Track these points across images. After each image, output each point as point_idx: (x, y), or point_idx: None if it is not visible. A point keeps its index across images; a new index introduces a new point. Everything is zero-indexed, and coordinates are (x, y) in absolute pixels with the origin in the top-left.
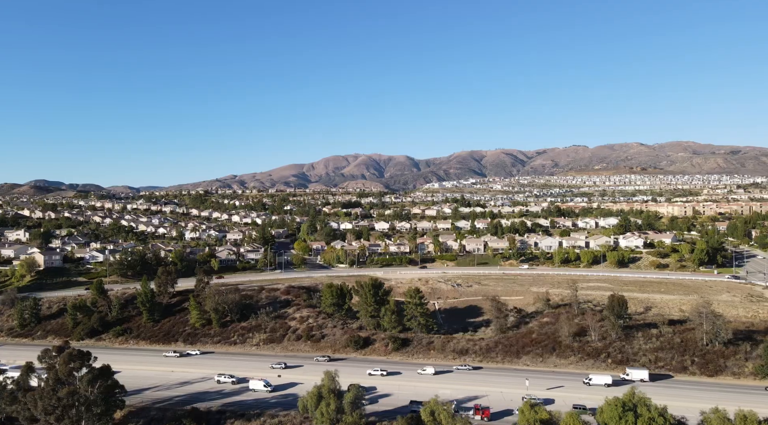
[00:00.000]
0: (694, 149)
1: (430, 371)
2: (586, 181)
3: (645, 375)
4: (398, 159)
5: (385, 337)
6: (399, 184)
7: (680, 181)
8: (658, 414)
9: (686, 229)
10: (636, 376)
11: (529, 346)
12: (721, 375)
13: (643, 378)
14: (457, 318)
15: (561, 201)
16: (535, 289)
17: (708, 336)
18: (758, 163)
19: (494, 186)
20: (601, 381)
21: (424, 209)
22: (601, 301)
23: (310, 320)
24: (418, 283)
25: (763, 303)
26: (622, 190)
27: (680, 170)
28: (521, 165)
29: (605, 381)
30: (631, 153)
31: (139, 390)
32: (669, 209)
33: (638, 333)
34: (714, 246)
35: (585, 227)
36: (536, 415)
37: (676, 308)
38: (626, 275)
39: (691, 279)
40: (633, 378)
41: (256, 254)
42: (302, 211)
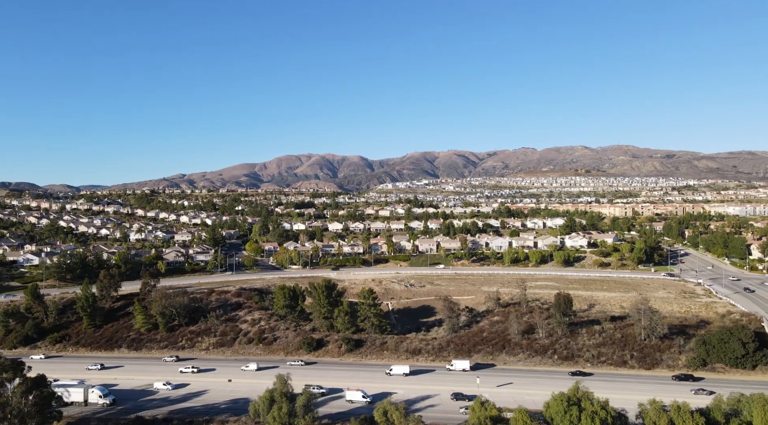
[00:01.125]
0: (633, 153)
1: (400, 370)
2: (535, 183)
3: (467, 365)
4: (352, 159)
5: (339, 339)
6: (353, 184)
7: (621, 183)
8: (600, 408)
9: (626, 229)
10: (458, 366)
11: (480, 345)
12: (657, 368)
13: (465, 368)
14: (410, 318)
15: (511, 202)
16: (486, 289)
17: (646, 332)
18: (690, 166)
19: (447, 187)
20: (400, 371)
21: (377, 209)
22: (549, 299)
23: (262, 322)
24: (372, 284)
25: (695, 299)
26: (568, 192)
27: (621, 173)
28: (473, 166)
29: (403, 371)
30: (576, 156)
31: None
32: (611, 210)
33: (582, 330)
34: (651, 245)
35: (533, 227)
36: (486, 412)
37: (617, 305)
38: (572, 274)
39: (630, 277)
40: (456, 369)
41: (205, 256)
42: (254, 212)
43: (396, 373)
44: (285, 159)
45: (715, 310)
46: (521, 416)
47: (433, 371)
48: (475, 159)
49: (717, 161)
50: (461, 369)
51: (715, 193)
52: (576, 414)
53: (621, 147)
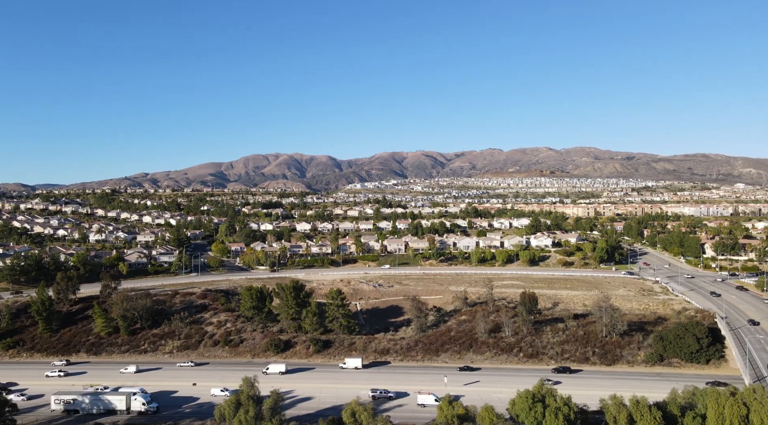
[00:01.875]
0: (595, 155)
1: (352, 364)
2: (501, 183)
3: (358, 364)
4: (320, 159)
5: (307, 339)
6: (321, 184)
7: (584, 183)
8: (564, 404)
9: (589, 229)
10: (351, 365)
11: (448, 344)
12: (617, 364)
13: (357, 366)
14: (378, 318)
15: (478, 202)
16: (454, 288)
17: (607, 329)
18: (649, 168)
19: (415, 187)
20: (276, 369)
21: (346, 210)
22: (515, 298)
23: (228, 324)
24: (340, 284)
25: (653, 296)
26: (534, 192)
27: (584, 174)
28: (441, 167)
29: (279, 369)
30: (542, 157)
31: (32, 408)
32: (574, 210)
33: (547, 328)
34: (612, 245)
35: (500, 227)
36: (454, 411)
37: (580, 303)
38: (537, 273)
39: (593, 276)
40: (348, 367)
41: (170, 257)
42: (220, 212)
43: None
44: (252, 158)
45: (671, 307)
46: (488, 414)
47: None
48: (443, 159)
49: (674, 163)
50: (353, 367)
51: (672, 194)
52: (540, 411)
53: (584, 149)
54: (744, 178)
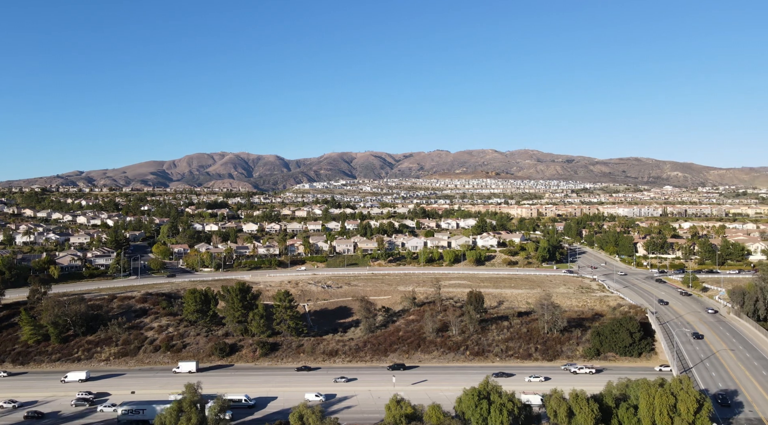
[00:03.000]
0: (538, 157)
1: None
2: (449, 184)
3: (192, 368)
4: (268, 158)
5: (253, 343)
6: (268, 184)
7: (527, 185)
8: (508, 400)
9: (532, 229)
10: (184, 369)
11: (397, 344)
12: (558, 359)
13: (191, 370)
14: (327, 319)
15: (426, 203)
16: (402, 288)
17: (548, 326)
18: (587, 171)
19: (364, 187)
20: (76, 377)
21: (294, 210)
22: (462, 298)
23: (170, 329)
24: (288, 286)
25: (591, 293)
26: (480, 193)
27: (527, 175)
28: (389, 167)
29: (79, 377)
30: (488, 159)
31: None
32: (518, 211)
33: (492, 326)
34: (554, 244)
35: (447, 228)
36: (402, 410)
37: (524, 301)
38: (483, 272)
39: (535, 275)
40: (182, 371)
41: (106, 259)
42: (162, 212)
43: None
44: (197, 157)
45: (607, 304)
46: (435, 412)
47: None
48: (391, 160)
49: (609, 166)
50: (187, 371)
51: (608, 196)
52: (486, 408)
53: (527, 151)
54: (672, 180)
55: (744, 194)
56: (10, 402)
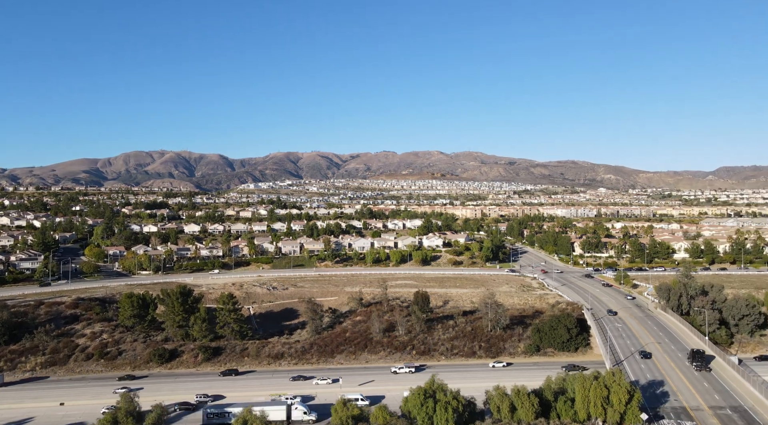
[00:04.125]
0: (482, 159)
1: None
2: (395, 185)
3: None
4: (211, 157)
5: (195, 347)
6: (212, 184)
7: (472, 186)
8: (453, 398)
9: (476, 230)
10: None
11: (344, 345)
12: (501, 356)
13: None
14: (273, 322)
15: (373, 203)
16: (350, 289)
17: (492, 324)
18: (528, 173)
19: (310, 188)
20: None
21: (238, 210)
22: (408, 298)
23: (104, 336)
24: (232, 288)
25: (532, 292)
26: (426, 194)
27: (472, 177)
28: (336, 168)
29: None
30: (433, 160)
31: None
32: (463, 212)
33: (438, 325)
34: (497, 244)
35: (394, 228)
36: (348, 412)
37: (468, 300)
38: (429, 272)
39: (480, 274)
40: None
41: (33, 263)
42: (96, 212)
43: None
44: (134, 155)
45: (547, 301)
46: (381, 413)
47: None
48: (338, 160)
49: (549, 168)
50: None
51: (547, 197)
52: (431, 406)
53: (472, 153)
54: (605, 183)
55: (669, 196)
56: None
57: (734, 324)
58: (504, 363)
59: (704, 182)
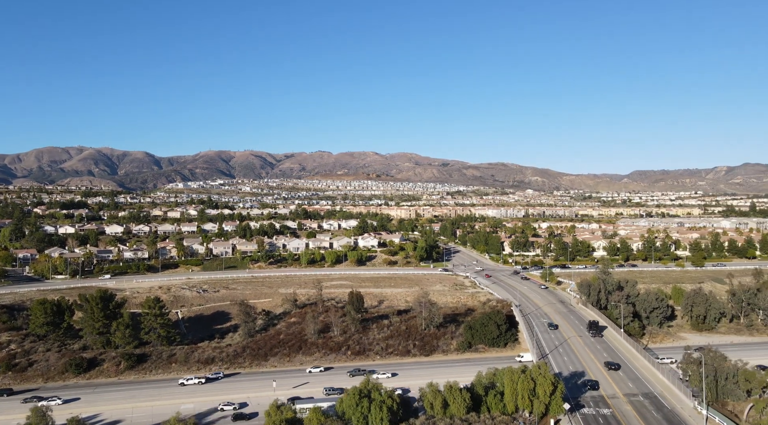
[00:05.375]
0: (416, 160)
1: None
2: (331, 185)
3: None
4: (135, 155)
5: (117, 355)
6: (137, 182)
7: (406, 187)
8: (388, 396)
9: (411, 230)
10: None
11: (277, 347)
12: (435, 353)
13: None
14: (203, 325)
15: (308, 203)
16: (284, 290)
17: (426, 322)
18: (461, 174)
19: (243, 188)
20: None
21: (166, 211)
22: (343, 298)
23: (12, 346)
24: (159, 292)
25: (464, 290)
26: (361, 195)
27: (406, 178)
28: (270, 167)
29: None
30: (368, 161)
31: None
32: (398, 212)
33: (373, 325)
34: (431, 244)
35: (329, 229)
36: (282, 415)
37: (403, 299)
38: (364, 272)
39: (414, 274)
40: None
41: None
42: (4, 212)
43: None
44: (48, 151)
45: (478, 299)
46: (315, 415)
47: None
48: (272, 160)
49: (480, 170)
50: None
51: (479, 198)
52: (366, 406)
53: (406, 154)
54: (533, 184)
55: (590, 198)
56: None
57: (646, 317)
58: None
59: (620, 185)
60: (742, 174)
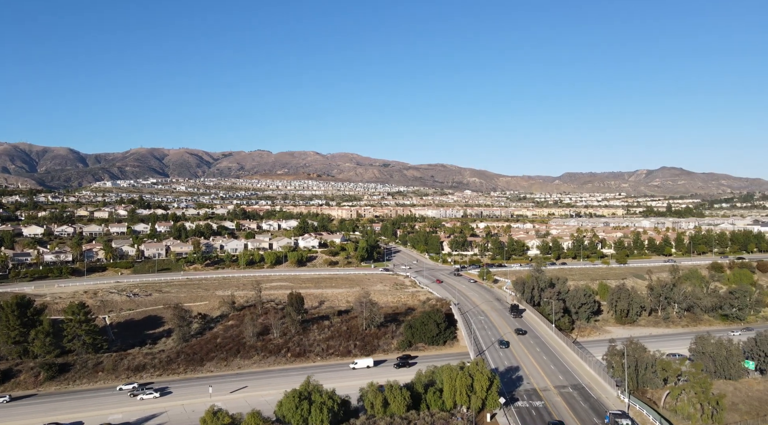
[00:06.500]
0: (357, 160)
1: None
2: (270, 185)
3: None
4: (58, 151)
5: (36, 365)
6: (59, 181)
7: (347, 187)
8: (328, 398)
9: (352, 230)
10: None
11: (214, 352)
12: (375, 353)
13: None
14: (133, 331)
15: (247, 203)
16: (221, 293)
17: (366, 322)
18: (401, 175)
19: (178, 187)
20: None
21: (93, 211)
22: (283, 299)
23: None
24: (84, 296)
25: (405, 289)
26: (302, 195)
27: (347, 178)
28: (207, 166)
29: None
30: (309, 160)
31: None
32: (339, 212)
33: (314, 326)
34: (372, 244)
35: (269, 229)
36: (219, 421)
37: (344, 300)
38: (304, 273)
39: (355, 274)
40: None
41: None
42: None
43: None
44: None
45: (418, 298)
46: (254, 419)
47: None
48: (209, 159)
49: (420, 171)
50: None
51: (419, 198)
52: (307, 408)
53: (347, 154)
54: (471, 185)
55: (524, 198)
56: None
57: (575, 312)
58: None
59: (552, 186)
60: (660, 177)
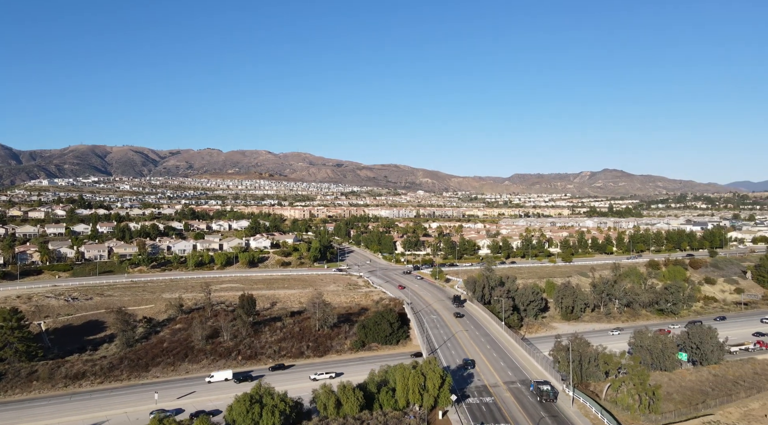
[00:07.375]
0: (310, 160)
1: None
2: (221, 185)
3: None
4: None
5: None
6: None
7: (300, 187)
8: (280, 400)
9: (305, 230)
10: None
11: (160, 356)
12: (329, 354)
13: None
14: (73, 337)
15: (196, 203)
16: (168, 295)
17: (320, 323)
18: (355, 175)
19: (122, 186)
20: None
21: (27, 210)
22: (234, 301)
23: None
24: (17, 301)
25: (358, 289)
26: (253, 194)
27: (300, 178)
28: (153, 165)
29: None
30: (261, 160)
31: None
32: (292, 212)
33: (266, 328)
34: (325, 244)
35: (219, 230)
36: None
37: (297, 301)
38: (256, 274)
39: (308, 274)
40: None
41: None
42: None
43: None
44: None
45: (371, 298)
46: (202, 424)
47: None
48: (155, 157)
49: (374, 171)
50: None
51: (372, 198)
52: (258, 411)
53: (300, 154)
54: (423, 186)
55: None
56: None
57: (524, 310)
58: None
59: (502, 187)
60: (603, 178)
